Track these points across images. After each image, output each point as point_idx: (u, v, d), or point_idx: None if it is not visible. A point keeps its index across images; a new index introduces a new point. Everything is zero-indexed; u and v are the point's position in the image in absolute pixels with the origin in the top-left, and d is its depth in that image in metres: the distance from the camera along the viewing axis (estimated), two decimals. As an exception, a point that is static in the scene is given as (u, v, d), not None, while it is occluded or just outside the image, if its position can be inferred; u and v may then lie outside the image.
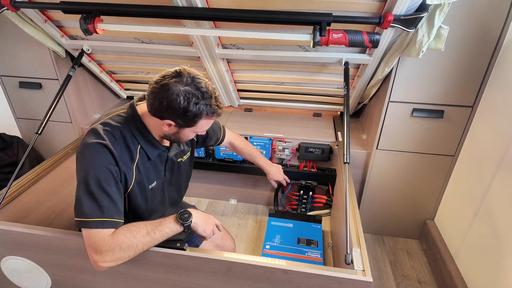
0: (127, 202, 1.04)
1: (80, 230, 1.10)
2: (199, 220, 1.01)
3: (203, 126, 0.97)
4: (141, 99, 1.05)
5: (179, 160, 1.18)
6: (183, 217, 0.97)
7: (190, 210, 1.00)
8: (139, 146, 1.00)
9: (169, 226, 0.95)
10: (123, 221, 0.93)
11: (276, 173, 1.57)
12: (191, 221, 0.97)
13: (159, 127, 0.97)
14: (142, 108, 1.00)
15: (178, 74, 0.89)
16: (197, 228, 1.01)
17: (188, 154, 1.24)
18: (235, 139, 1.49)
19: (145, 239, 0.91)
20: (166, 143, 1.09)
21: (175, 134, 0.99)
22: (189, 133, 0.99)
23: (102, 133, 0.93)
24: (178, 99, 0.87)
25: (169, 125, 0.94)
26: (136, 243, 0.89)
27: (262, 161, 1.54)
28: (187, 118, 0.91)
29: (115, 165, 0.93)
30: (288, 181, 1.64)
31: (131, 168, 0.99)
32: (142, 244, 0.91)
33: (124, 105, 1.05)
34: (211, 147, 1.84)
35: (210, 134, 1.33)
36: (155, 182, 1.09)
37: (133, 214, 1.08)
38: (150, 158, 1.03)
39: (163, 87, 0.88)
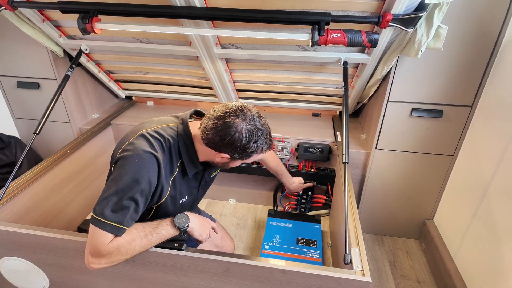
0: (155, 212, 1.04)
1: (78, 230, 1.09)
2: (195, 224, 1.02)
3: (254, 158, 1.01)
4: (191, 116, 1.06)
5: (211, 175, 1.19)
6: (180, 221, 0.97)
7: (187, 213, 1.00)
8: (180, 161, 1.01)
9: (166, 229, 0.95)
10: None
11: (295, 188, 1.69)
12: (187, 226, 0.98)
13: (211, 156, 0.99)
14: (193, 127, 1.00)
15: (240, 112, 0.91)
16: (193, 232, 1.01)
17: (219, 169, 1.24)
18: (266, 155, 1.47)
19: (142, 241, 0.91)
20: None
21: (224, 164, 1.01)
22: (238, 163, 1.02)
23: (154, 142, 0.94)
24: (240, 137, 0.90)
25: (223, 157, 0.96)
26: (134, 246, 0.89)
27: (285, 179, 1.60)
28: (244, 154, 0.94)
29: (157, 177, 0.93)
30: (310, 185, 1.76)
31: (168, 181, 0.99)
32: (139, 247, 0.91)
33: (173, 116, 1.06)
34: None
35: None
36: (186, 198, 1.09)
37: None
38: (186, 174, 1.04)
39: (226, 124, 0.89)
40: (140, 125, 1.01)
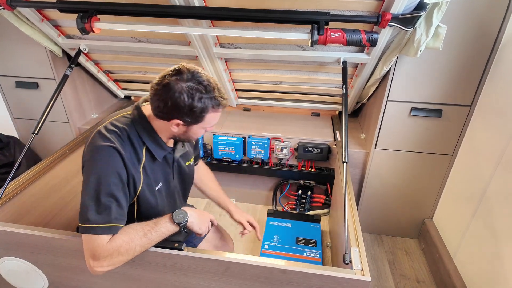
0: (137, 206, 1.02)
1: (77, 230, 1.09)
2: (195, 219, 1.01)
3: (210, 120, 0.97)
4: (146, 100, 1.04)
5: (186, 163, 1.17)
6: (179, 217, 0.96)
7: (185, 209, 0.99)
8: (145, 147, 0.99)
9: (165, 226, 0.94)
10: (124, 225, 0.92)
11: (241, 215, 1.33)
12: (186, 221, 0.97)
13: (167, 129, 0.96)
14: (147, 109, 0.99)
15: (177, 72, 0.88)
16: (192, 227, 1.01)
17: (193, 157, 1.23)
18: (205, 168, 1.41)
19: (142, 241, 0.90)
20: (171, 143, 1.08)
21: (184, 133, 0.98)
22: (198, 130, 0.98)
23: (109, 135, 0.92)
24: (181, 96, 0.86)
25: (178, 124, 0.93)
26: (134, 246, 0.89)
27: (227, 202, 1.35)
28: (194, 115, 0.91)
29: (124, 168, 0.92)
30: (255, 225, 1.34)
31: (138, 170, 0.97)
32: (140, 246, 0.90)
33: (129, 107, 1.04)
34: (209, 146, 1.83)
35: (197, 147, 1.31)
36: (160, 184, 1.08)
37: (141, 219, 1.04)
38: (156, 159, 1.02)
39: (165, 87, 0.87)
40: (98, 124, 1.00)
